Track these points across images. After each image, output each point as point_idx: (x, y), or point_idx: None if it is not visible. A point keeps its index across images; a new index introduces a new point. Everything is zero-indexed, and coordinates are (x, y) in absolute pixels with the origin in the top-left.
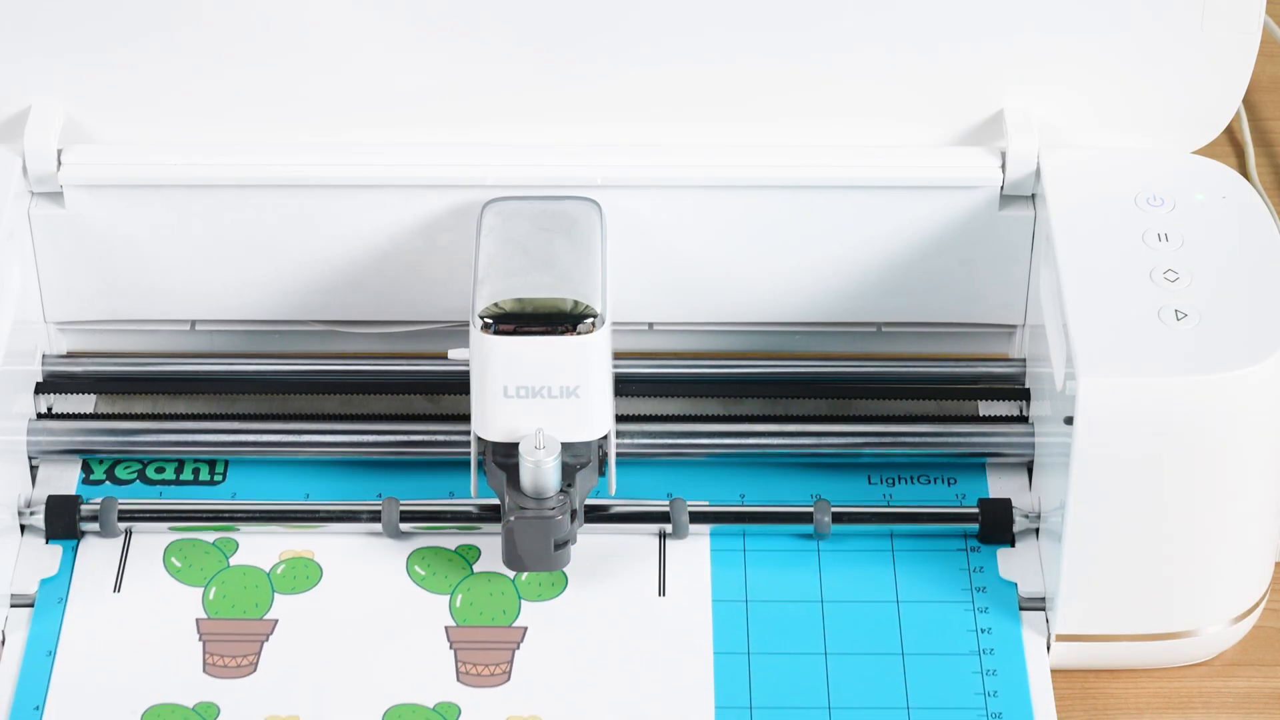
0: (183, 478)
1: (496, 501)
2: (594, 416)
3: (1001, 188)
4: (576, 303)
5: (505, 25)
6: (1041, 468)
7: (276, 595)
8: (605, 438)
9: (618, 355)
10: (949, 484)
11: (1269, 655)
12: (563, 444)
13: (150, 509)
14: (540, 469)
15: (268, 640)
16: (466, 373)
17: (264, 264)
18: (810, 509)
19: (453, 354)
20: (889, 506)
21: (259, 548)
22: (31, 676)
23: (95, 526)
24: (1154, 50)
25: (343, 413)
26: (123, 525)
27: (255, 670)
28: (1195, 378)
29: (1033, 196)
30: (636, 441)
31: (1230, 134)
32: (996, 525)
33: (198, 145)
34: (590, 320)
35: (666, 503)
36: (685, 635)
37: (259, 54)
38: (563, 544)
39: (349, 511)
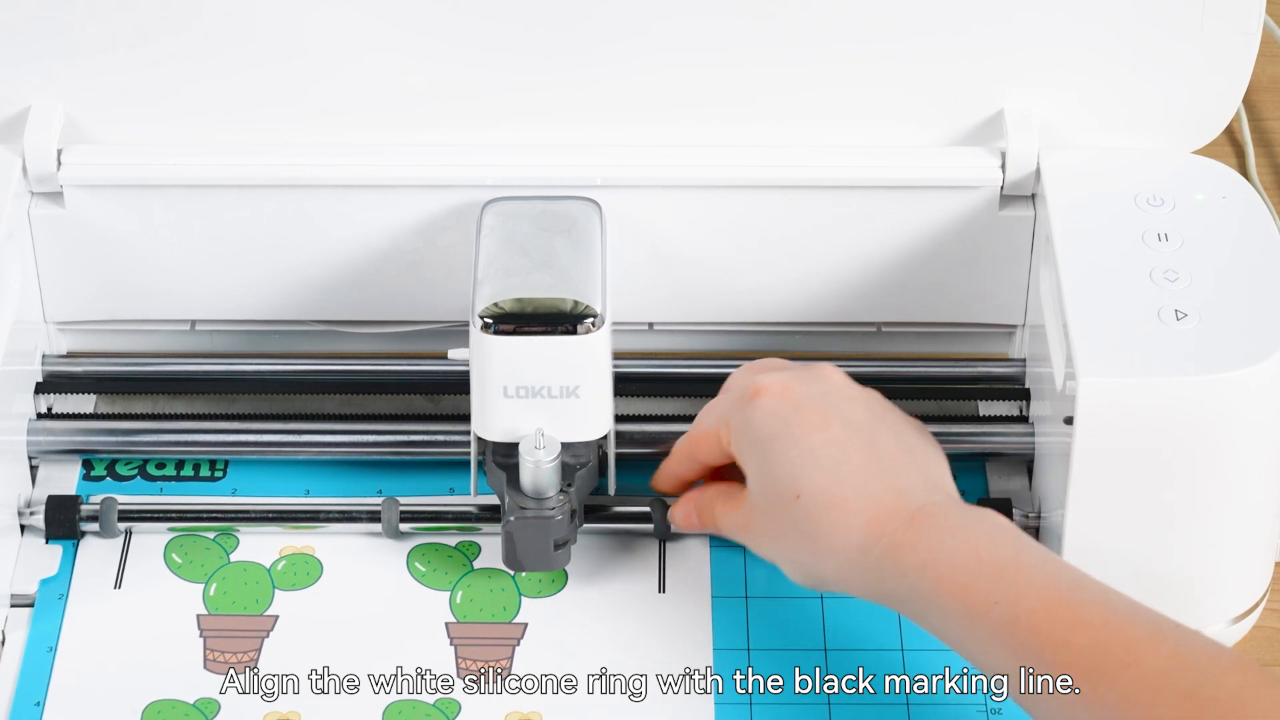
0: (183, 474)
1: (496, 501)
2: (594, 416)
3: (1001, 188)
4: (576, 303)
5: (505, 25)
6: (1041, 468)
7: (277, 591)
8: (605, 438)
9: (618, 355)
10: None
11: (1269, 655)
12: (563, 444)
13: (150, 509)
14: (540, 469)
15: (268, 636)
16: (466, 373)
17: (264, 264)
18: None
19: (453, 354)
20: None
21: (259, 544)
22: (32, 672)
23: (95, 527)
24: (1154, 50)
25: (343, 413)
26: (122, 525)
27: (256, 666)
28: (1195, 378)
29: (1033, 196)
30: (636, 441)
31: (1230, 134)
32: None
33: (197, 145)
34: (590, 320)
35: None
36: (685, 631)
37: (259, 54)
38: (562, 544)
39: (349, 511)
